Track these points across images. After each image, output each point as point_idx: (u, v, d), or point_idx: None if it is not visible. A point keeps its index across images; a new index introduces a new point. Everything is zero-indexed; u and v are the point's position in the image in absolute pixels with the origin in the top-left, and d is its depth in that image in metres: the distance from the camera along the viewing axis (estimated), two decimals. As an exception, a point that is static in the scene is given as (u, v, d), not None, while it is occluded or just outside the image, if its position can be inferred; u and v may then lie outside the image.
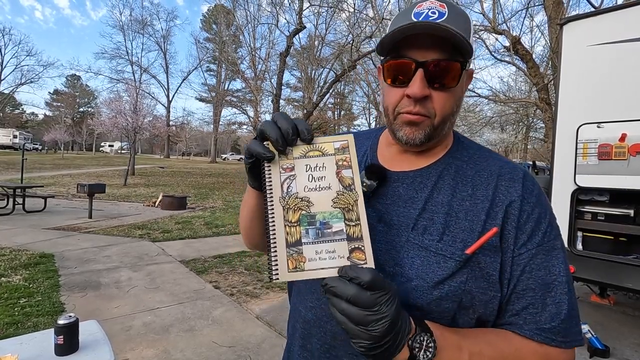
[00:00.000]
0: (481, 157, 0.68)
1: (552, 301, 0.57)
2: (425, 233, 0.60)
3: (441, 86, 0.60)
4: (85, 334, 1.42)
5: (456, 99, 0.63)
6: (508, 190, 0.62)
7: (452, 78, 0.60)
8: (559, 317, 0.56)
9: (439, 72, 0.59)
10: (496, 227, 0.57)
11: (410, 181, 0.66)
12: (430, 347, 0.50)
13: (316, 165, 0.52)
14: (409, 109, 0.60)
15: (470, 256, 0.57)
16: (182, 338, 2.89)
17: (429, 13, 0.59)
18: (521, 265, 0.58)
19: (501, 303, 0.59)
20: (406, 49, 0.60)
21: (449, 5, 0.60)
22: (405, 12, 0.62)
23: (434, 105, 0.60)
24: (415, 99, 0.59)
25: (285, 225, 0.50)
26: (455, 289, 0.56)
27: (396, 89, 0.62)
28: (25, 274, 4.04)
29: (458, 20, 0.59)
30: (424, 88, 0.59)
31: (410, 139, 0.62)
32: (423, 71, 0.58)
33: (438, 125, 0.62)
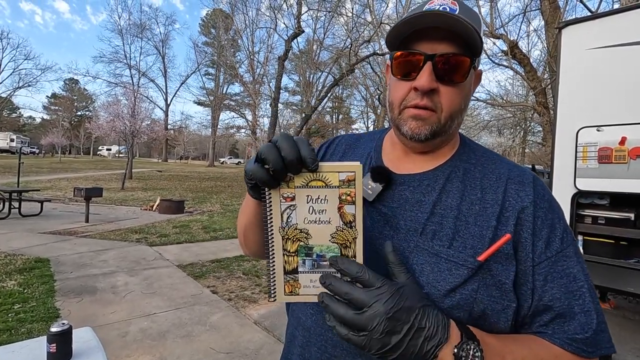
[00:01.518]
0: (489, 159, 0.66)
1: (580, 309, 0.55)
2: (435, 238, 0.58)
3: (450, 81, 0.58)
4: (79, 342, 1.38)
5: (464, 96, 0.61)
6: (519, 195, 0.60)
7: (461, 73, 0.58)
8: (591, 327, 0.55)
9: (448, 66, 0.57)
10: (509, 234, 0.55)
11: (417, 184, 0.64)
12: (477, 356, 0.47)
13: (318, 197, 0.50)
14: (416, 102, 0.59)
15: (482, 263, 0.55)
16: (179, 344, 2.85)
17: (440, 8, 0.58)
18: (542, 274, 0.56)
19: (523, 315, 0.57)
20: (415, 42, 0.58)
21: (460, 3, 0.60)
22: (418, 8, 0.61)
23: (442, 99, 0.59)
24: (423, 92, 0.58)
25: (283, 254, 0.51)
26: (466, 297, 0.54)
27: (403, 83, 0.61)
28: (20, 279, 3.98)
29: (468, 17, 0.57)
30: (432, 81, 0.57)
31: (416, 133, 0.60)
32: (432, 64, 0.57)
33: (445, 121, 0.60)
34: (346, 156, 0.77)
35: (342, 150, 0.78)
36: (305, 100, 21.08)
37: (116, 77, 36.32)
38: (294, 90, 34.22)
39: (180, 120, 45.54)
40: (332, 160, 0.78)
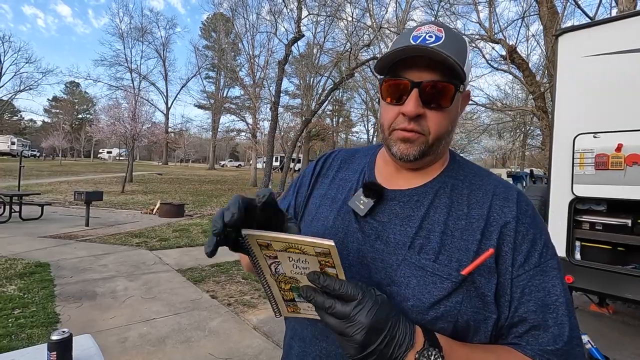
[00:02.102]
0: (476, 176, 0.68)
1: (553, 322, 0.57)
2: (422, 252, 0.60)
3: (436, 106, 0.61)
4: (78, 350, 1.39)
5: (451, 119, 0.64)
6: (502, 210, 0.62)
7: (446, 99, 0.61)
8: (562, 339, 0.57)
9: (434, 92, 0.60)
10: (492, 249, 0.57)
11: (407, 199, 0.66)
12: None
13: (298, 259, 0.51)
14: (404, 126, 0.62)
15: (465, 277, 0.57)
16: (178, 350, 2.86)
17: (427, 37, 0.61)
18: (520, 287, 0.59)
19: (499, 325, 0.59)
20: (403, 70, 0.61)
21: (446, 30, 0.62)
22: (405, 35, 0.64)
23: (429, 124, 0.62)
24: (410, 117, 0.61)
25: (280, 290, 0.57)
26: (450, 309, 0.57)
27: (392, 107, 0.64)
28: (20, 284, 4.00)
29: (453, 45, 0.60)
30: (418, 107, 0.60)
31: (404, 154, 0.63)
32: (418, 91, 0.60)
33: (433, 143, 0.63)
34: (341, 171, 0.79)
35: (337, 166, 0.81)
36: (305, 104, 21.13)
37: (117, 80, 36.47)
38: (294, 93, 34.31)
39: (180, 124, 45.61)
40: (328, 174, 0.81)
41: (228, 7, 21.28)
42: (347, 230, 0.68)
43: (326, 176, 0.80)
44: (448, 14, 9.69)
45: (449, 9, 9.68)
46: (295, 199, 0.82)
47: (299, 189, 0.83)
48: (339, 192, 0.75)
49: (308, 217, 0.76)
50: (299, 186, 0.83)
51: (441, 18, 10.14)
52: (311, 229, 0.73)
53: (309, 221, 0.75)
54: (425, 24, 0.63)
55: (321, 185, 0.79)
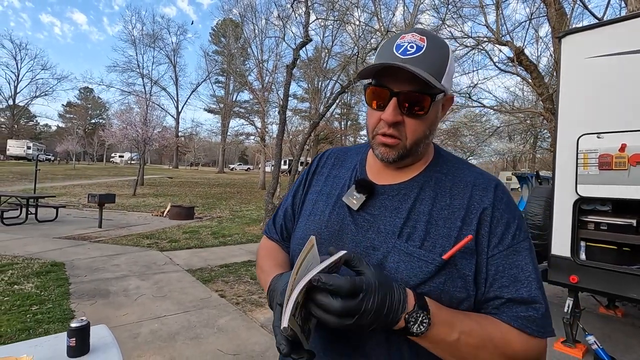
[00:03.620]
0: (459, 169, 0.75)
1: (527, 294, 0.63)
2: (409, 240, 0.67)
3: (413, 114, 0.67)
4: (95, 338, 1.48)
5: (428, 125, 0.70)
6: (481, 199, 0.69)
7: (422, 108, 0.67)
8: (535, 309, 0.63)
9: (410, 102, 0.66)
10: (471, 235, 0.64)
11: (395, 193, 0.73)
12: (424, 322, 0.56)
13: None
14: (384, 131, 0.69)
15: (447, 260, 0.64)
16: (188, 346, 2.94)
17: (408, 47, 0.66)
18: (494, 265, 0.65)
19: (478, 300, 0.66)
20: (385, 78, 0.67)
21: (429, 39, 0.67)
22: (390, 42, 0.69)
23: (406, 130, 0.69)
24: (389, 124, 0.67)
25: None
26: (434, 289, 0.63)
27: (375, 112, 0.70)
28: (37, 282, 4.14)
29: (433, 55, 0.65)
30: (396, 115, 0.67)
31: (385, 157, 0.71)
32: (396, 100, 0.66)
33: (411, 147, 0.70)
34: (335, 168, 0.87)
35: (331, 163, 0.89)
36: (313, 107, 21.26)
37: (129, 85, 37.08)
38: (303, 97, 34.49)
39: (190, 128, 46.13)
40: (323, 172, 0.88)
41: (237, 13, 21.58)
42: (342, 223, 0.74)
43: (321, 174, 0.88)
44: (455, 17, 9.70)
45: (456, 12, 9.68)
46: (292, 201, 0.90)
47: (296, 190, 0.91)
48: (334, 188, 0.82)
49: (306, 211, 0.83)
50: (296, 187, 0.91)
51: (449, 21, 10.15)
52: (308, 222, 0.80)
53: (307, 215, 0.82)
54: (410, 32, 0.68)
55: (317, 182, 0.87)
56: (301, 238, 0.79)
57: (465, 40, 9.26)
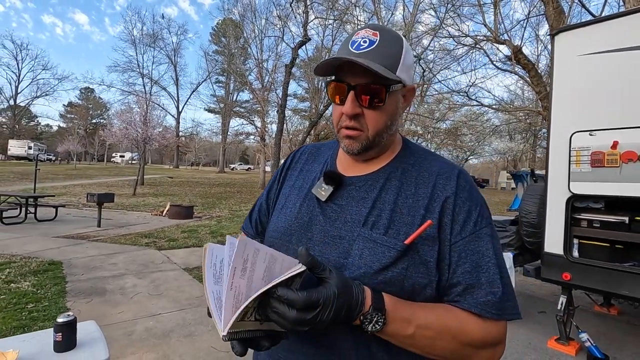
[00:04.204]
0: (425, 159, 0.77)
1: (486, 280, 0.65)
2: (374, 228, 0.69)
3: (370, 105, 0.69)
4: (83, 333, 1.49)
5: (388, 116, 0.72)
6: (444, 187, 0.71)
7: (379, 99, 0.69)
8: (494, 293, 0.64)
9: (367, 93, 0.68)
10: (430, 220, 0.65)
11: (362, 184, 0.75)
12: (379, 322, 0.59)
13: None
14: (346, 124, 0.71)
15: (409, 246, 0.65)
16: (182, 343, 2.96)
17: (361, 42, 0.68)
18: (457, 252, 0.67)
19: (442, 286, 0.67)
20: (344, 73, 0.70)
21: (381, 33, 0.69)
22: (347, 39, 0.72)
23: (367, 121, 0.70)
24: (348, 116, 0.69)
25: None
26: (397, 275, 0.65)
27: (338, 107, 0.72)
28: (34, 281, 4.16)
29: (385, 48, 0.68)
30: (355, 107, 0.69)
31: (350, 149, 0.73)
32: (354, 93, 0.68)
33: (373, 138, 0.72)
34: (307, 163, 0.89)
35: (304, 159, 0.91)
36: (313, 107, 21.27)
37: (129, 85, 37.21)
38: (303, 96, 34.50)
39: (191, 127, 46.24)
40: (296, 167, 0.90)
41: (237, 13, 21.61)
42: (311, 215, 0.76)
43: (294, 169, 0.90)
44: (454, 16, 9.69)
45: (455, 11, 9.67)
46: (267, 196, 0.92)
47: (271, 186, 0.93)
48: (305, 182, 0.84)
49: (279, 205, 0.86)
50: (271, 183, 0.94)
51: (448, 20, 10.15)
52: (280, 215, 0.82)
53: (280, 208, 0.84)
54: (363, 28, 0.71)
55: (290, 177, 0.89)
56: (274, 230, 0.81)
57: (463, 39, 9.26)
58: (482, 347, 0.64)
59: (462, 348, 0.63)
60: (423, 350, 0.63)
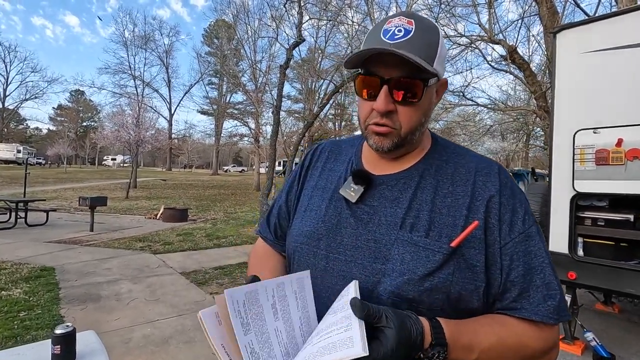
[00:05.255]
0: (458, 155, 0.72)
1: (541, 282, 0.61)
2: (413, 230, 0.63)
3: (405, 101, 0.63)
4: (82, 344, 1.41)
5: (423, 112, 0.66)
6: (485, 185, 0.66)
7: (415, 94, 0.63)
8: (552, 296, 0.61)
9: (402, 88, 0.62)
10: (477, 221, 0.60)
11: (395, 183, 0.69)
12: (440, 357, 0.54)
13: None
14: (376, 121, 0.65)
15: (455, 249, 0.60)
16: (181, 350, 2.87)
17: (396, 31, 0.62)
18: (508, 254, 0.62)
19: (493, 292, 0.62)
20: (374, 65, 0.63)
21: (417, 22, 0.63)
22: (377, 28, 0.65)
23: (400, 118, 0.64)
24: (381, 113, 0.63)
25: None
26: (444, 280, 0.60)
27: (366, 102, 0.66)
28: (26, 288, 4.03)
29: (423, 38, 0.61)
30: (388, 103, 0.62)
31: (379, 146, 0.67)
32: (387, 87, 0.62)
33: (405, 135, 0.66)
34: (329, 162, 0.82)
35: (325, 157, 0.84)
36: (307, 108, 21.22)
37: (121, 87, 36.77)
38: (297, 98, 34.42)
39: (184, 130, 45.81)
40: (317, 166, 0.84)
41: (230, 14, 21.50)
42: (339, 217, 0.70)
43: (315, 168, 0.83)
44: (448, 16, 9.71)
45: (449, 11, 9.69)
46: (286, 197, 0.86)
47: (289, 187, 0.86)
48: (329, 182, 0.77)
49: (301, 208, 0.79)
50: (289, 184, 0.87)
51: (441, 21, 10.17)
52: (305, 218, 0.76)
53: (303, 211, 0.78)
54: (397, 15, 0.64)
55: (311, 177, 0.82)
56: (299, 235, 0.75)
57: (458, 39, 9.28)
58: (542, 355, 0.61)
59: None
60: None
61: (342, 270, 0.66)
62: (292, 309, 0.61)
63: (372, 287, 0.62)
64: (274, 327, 0.57)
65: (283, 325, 0.58)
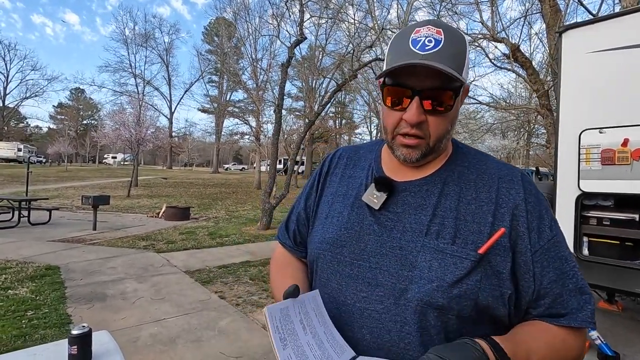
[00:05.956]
0: (480, 161, 0.72)
1: (574, 287, 0.63)
2: (439, 237, 0.64)
3: (435, 111, 0.64)
4: (97, 344, 1.42)
5: (450, 120, 0.67)
6: (509, 192, 0.66)
7: (446, 105, 0.63)
8: (587, 302, 0.63)
9: (434, 99, 0.63)
10: (503, 228, 0.61)
11: (417, 189, 0.70)
12: None
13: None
14: (406, 131, 0.65)
15: (482, 256, 0.61)
16: (189, 349, 2.89)
17: (426, 42, 0.62)
18: (539, 261, 0.63)
19: (526, 299, 0.64)
20: (404, 76, 0.63)
21: (445, 31, 0.63)
22: (403, 36, 0.65)
23: (430, 128, 0.65)
24: (412, 125, 0.64)
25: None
26: (472, 287, 0.60)
27: (395, 112, 0.66)
28: (32, 286, 4.05)
29: (452, 48, 0.62)
30: (420, 114, 0.63)
31: (408, 158, 0.67)
32: (419, 98, 0.62)
33: (434, 145, 0.67)
34: (348, 168, 0.83)
35: (343, 163, 0.84)
36: (308, 106, 21.19)
37: (121, 86, 36.76)
38: (297, 96, 34.37)
39: (184, 128, 45.96)
40: (336, 172, 0.84)
41: (231, 12, 21.45)
42: (362, 224, 0.71)
43: (334, 174, 0.84)
44: (450, 14, 9.70)
45: (451, 9, 9.68)
46: (305, 204, 0.86)
47: (308, 194, 0.86)
48: (350, 189, 0.78)
49: (322, 214, 0.79)
50: (308, 190, 0.87)
51: (443, 18, 10.15)
52: (326, 225, 0.76)
53: (324, 218, 0.78)
54: (425, 24, 0.64)
55: (331, 184, 0.83)
56: (321, 242, 0.75)
57: (460, 37, 9.25)
58: (579, 358, 0.64)
59: None
60: None
61: (367, 277, 0.67)
62: (315, 324, 0.63)
63: (399, 294, 0.63)
64: (306, 341, 0.59)
65: (313, 340, 0.60)
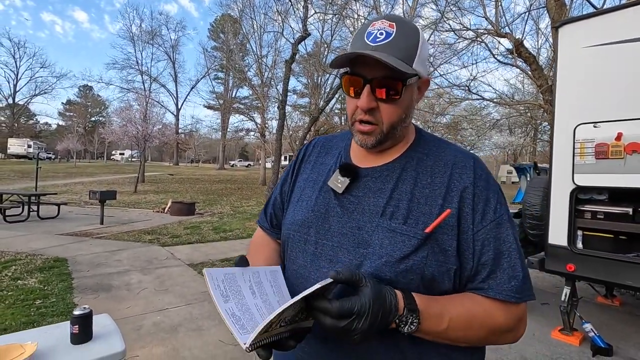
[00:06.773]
0: (439, 148, 0.78)
1: (508, 265, 0.68)
2: (392, 218, 0.70)
3: (386, 99, 0.69)
4: (98, 326, 1.52)
5: (404, 108, 0.73)
6: (461, 177, 0.72)
7: (395, 92, 0.69)
8: (515, 277, 0.67)
9: (383, 87, 0.68)
10: (449, 209, 0.67)
11: (378, 175, 0.76)
12: (414, 323, 0.61)
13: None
14: (361, 117, 0.72)
15: (429, 234, 0.67)
16: (191, 337, 2.99)
17: (378, 34, 0.68)
18: (480, 240, 0.69)
19: (466, 275, 0.69)
20: (358, 66, 0.70)
21: (398, 24, 0.69)
22: (362, 30, 0.71)
23: (382, 115, 0.71)
24: (363, 110, 0.70)
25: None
26: (418, 263, 0.66)
27: (352, 100, 0.72)
28: (40, 277, 4.19)
29: (402, 41, 0.67)
30: (370, 101, 0.69)
31: (364, 143, 0.74)
32: (370, 87, 0.68)
33: (387, 131, 0.73)
34: (320, 156, 0.90)
35: (317, 152, 0.92)
36: (313, 103, 21.22)
37: (128, 83, 36.97)
38: (302, 92, 34.38)
39: (190, 124, 46.24)
40: (310, 160, 0.91)
41: (236, 8, 21.49)
42: (328, 207, 0.77)
43: (308, 162, 0.91)
44: (455, 10, 9.64)
45: (455, 4, 9.62)
46: (281, 189, 0.94)
47: (284, 179, 0.94)
48: (320, 175, 0.85)
49: (294, 198, 0.87)
50: (284, 177, 0.95)
51: (448, 14, 10.10)
52: (297, 208, 0.83)
53: (295, 202, 0.85)
54: (380, 19, 0.70)
55: (304, 170, 0.90)
56: (291, 223, 0.82)
57: (464, 32, 9.23)
58: (507, 330, 0.68)
59: (489, 334, 0.67)
60: (455, 342, 0.66)
61: (329, 255, 0.73)
62: (268, 292, 0.68)
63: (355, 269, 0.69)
64: (253, 303, 0.64)
65: (262, 303, 0.65)
